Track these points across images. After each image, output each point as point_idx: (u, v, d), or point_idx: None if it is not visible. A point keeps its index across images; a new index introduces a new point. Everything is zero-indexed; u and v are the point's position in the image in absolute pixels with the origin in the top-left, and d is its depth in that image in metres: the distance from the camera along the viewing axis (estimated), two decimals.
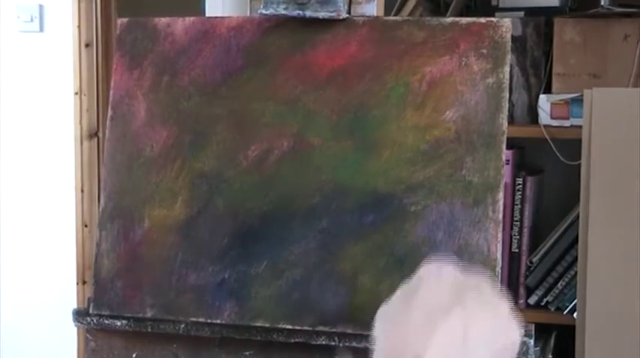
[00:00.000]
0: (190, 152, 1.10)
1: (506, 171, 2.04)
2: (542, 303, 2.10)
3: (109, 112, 1.13)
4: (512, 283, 2.11)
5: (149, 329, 1.08)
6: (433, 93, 1.04)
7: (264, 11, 1.07)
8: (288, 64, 1.09)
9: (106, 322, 1.09)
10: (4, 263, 3.11)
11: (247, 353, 1.07)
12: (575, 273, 1.96)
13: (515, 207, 2.10)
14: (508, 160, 2.05)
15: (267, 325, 1.03)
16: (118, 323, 1.08)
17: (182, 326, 1.06)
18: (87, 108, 3.01)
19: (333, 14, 1.06)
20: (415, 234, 1.01)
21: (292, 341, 1.03)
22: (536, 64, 2.15)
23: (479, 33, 1.05)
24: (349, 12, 1.09)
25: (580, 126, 1.87)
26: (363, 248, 1.02)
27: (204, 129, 1.10)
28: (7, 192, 3.09)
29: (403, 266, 1.01)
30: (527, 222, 2.11)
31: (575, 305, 1.96)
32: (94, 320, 1.09)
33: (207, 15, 2.41)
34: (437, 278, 0.70)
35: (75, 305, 2.70)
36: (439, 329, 0.66)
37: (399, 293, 0.71)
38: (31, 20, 3.07)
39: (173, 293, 1.07)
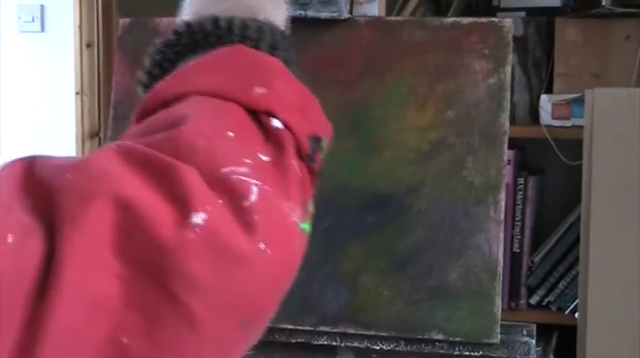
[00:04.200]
0: None
1: (508, 172, 2.04)
2: (544, 303, 2.10)
3: (111, 112, 1.13)
4: (514, 283, 2.11)
5: None
6: (434, 93, 1.04)
7: None
8: None
9: None
10: None
11: (248, 352, 1.07)
12: (577, 273, 1.95)
13: (517, 207, 2.10)
14: (509, 160, 2.05)
15: (268, 325, 1.03)
16: None
17: None
18: (88, 108, 3.01)
19: (335, 14, 1.06)
20: (416, 234, 1.01)
21: (294, 341, 1.03)
22: (538, 64, 2.15)
23: (480, 33, 1.05)
24: (351, 12, 1.09)
25: (581, 127, 1.87)
26: (364, 248, 1.02)
27: None
28: None
29: (404, 266, 1.01)
30: (528, 222, 2.10)
31: (576, 305, 1.96)
32: None
33: None
34: None
35: None
36: None
37: None
38: (33, 20, 3.07)
39: None
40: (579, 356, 1.85)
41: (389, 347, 1.01)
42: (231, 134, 0.60)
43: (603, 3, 2.03)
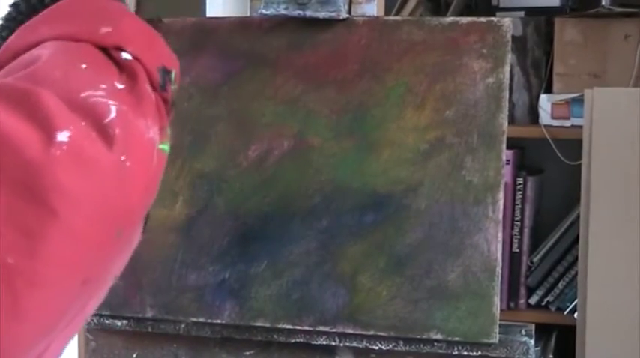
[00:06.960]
0: (191, 152, 1.10)
1: (507, 171, 2.04)
2: (543, 303, 2.10)
3: None
4: (513, 283, 2.11)
5: (149, 329, 1.08)
6: (433, 93, 1.04)
7: (264, 11, 1.07)
8: (288, 64, 1.09)
9: (107, 322, 1.09)
10: None
11: (248, 352, 1.07)
12: (576, 273, 1.96)
13: (516, 207, 2.10)
14: (508, 160, 2.05)
15: (267, 325, 1.03)
16: (119, 323, 1.09)
17: (182, 326, 1.06)
18: None
19: (333, 14, 1.06)
20: (415, 234, 1.01)
21: (292, 341, 1.03)
22: (537, 64, 2.15)
23: (479, 33, 1.05)
24: (349, 12, 1.10)
25: (581, 126, 1.87)
26: (362, 248, 1.02)
27: (205, 129, 1.10)
28: None
29: (403, 266, 1.01)
30: (527, 222, 2.11)
31: (575, 305, 1.96)
32: (95, 320, 1.09)
33: (207, 15, 2.41)
34: None
35: None
36: None
37: None
38: None
39: (173, 293, 1.07)
40: (578, 356, 1.85)
41: (387, 347, 1.01)
42: (84, 65, 0.65)
43: (602, 3, 2.03)
